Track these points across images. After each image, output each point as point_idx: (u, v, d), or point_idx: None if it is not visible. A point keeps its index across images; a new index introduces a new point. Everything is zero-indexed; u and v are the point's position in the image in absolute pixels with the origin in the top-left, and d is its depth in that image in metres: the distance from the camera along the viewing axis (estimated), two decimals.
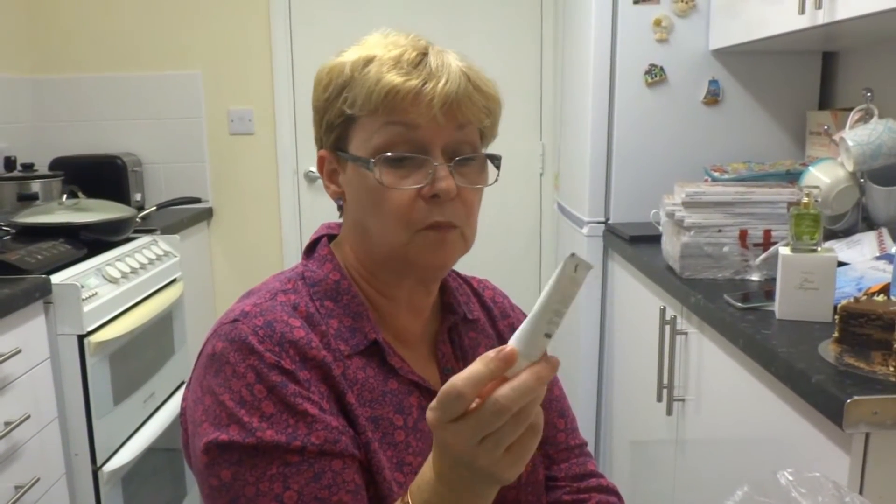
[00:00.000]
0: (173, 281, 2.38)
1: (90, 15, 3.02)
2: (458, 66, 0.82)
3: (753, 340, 1.25)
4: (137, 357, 2.12)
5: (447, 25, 3.08)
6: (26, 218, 2.08)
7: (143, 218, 2.43)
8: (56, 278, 1.81)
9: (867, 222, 1.73)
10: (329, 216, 0.95)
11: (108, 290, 1.94)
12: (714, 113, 2.22)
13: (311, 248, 0.92)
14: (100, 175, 2.79)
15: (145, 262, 2.19)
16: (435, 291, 0.92)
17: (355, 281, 0.88)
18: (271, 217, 3.20)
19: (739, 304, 1.41)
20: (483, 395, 0.62)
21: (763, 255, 1.60)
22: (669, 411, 1.67)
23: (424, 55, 0.82)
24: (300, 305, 0.83)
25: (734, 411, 1.41)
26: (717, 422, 1.51)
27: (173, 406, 2.28)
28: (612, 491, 0.98)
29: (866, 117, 1.77)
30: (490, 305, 1.01)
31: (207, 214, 3.12)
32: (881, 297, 1.18)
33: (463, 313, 0.94)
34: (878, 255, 1.52)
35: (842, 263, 1.46)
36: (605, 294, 2.32)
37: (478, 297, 1.01)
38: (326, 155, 0.88)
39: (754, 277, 1.63)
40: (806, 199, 1.33)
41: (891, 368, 1.04)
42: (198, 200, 2.81)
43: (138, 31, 3.04)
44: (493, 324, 0.99)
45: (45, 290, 1.75)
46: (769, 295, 1.43)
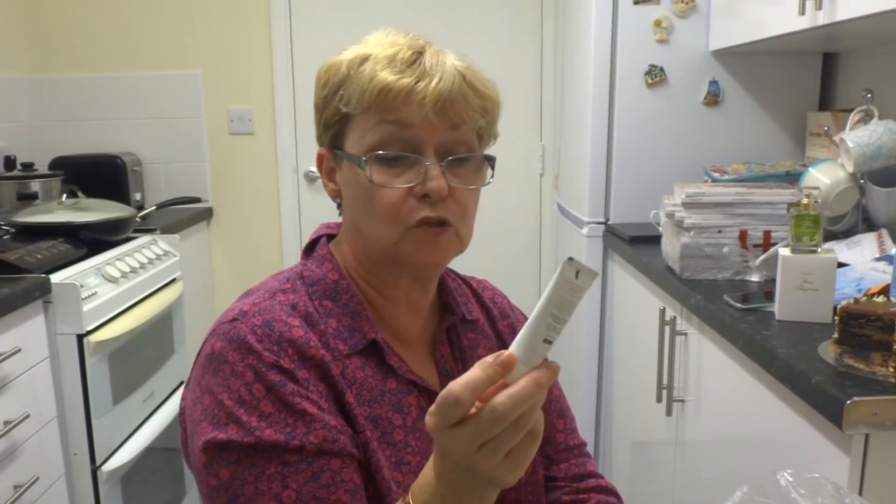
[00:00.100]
0: (173, 281, 2.38)
1: (90, 15, 3.02)
2: (455, 66, 0.81)
3: (753, 341, 1.25)
4: (137, 357, 2.12)
5: (447, 25, 3.07)
6: (26, 217, 2.08)
7: (142, 217, 2.43)
8: (55, 278, 1.80)
9: (867, 223, 1.73)
10: (329, 216, 0.95)
11: (107, 290, 1.94)
12: (714, 114, 2.22)
13: (310, 248, 0.91)
14: (99, 174, 2.78)
15: (145, 261, 2.19)
16: (432, 290, 0.92)
17: (354, 280, 0.88)
18: (271, 217, 3.19)
19: (739, 305, 1.41)
20: (483, 400, 0.61)
21: (763, 256, 1.60)
22: (669, 412, 1.67)
23: (420, 54, 0.81)
24: (299, 305, 0.83)
25: (734, 412, 1.41)
26: (716, 422, 1.51)
27: (173, 406, 2.28)
28: (611, 491, 0.98)
29: (866, 118, 1.77)
30: (489, 306, 1.01)
31: (207, 214, 3.12)
32: (881, 299, 1.18)
33: (462, 314, 0.94)
34: (878, 256, 1.52)
35: (842, 264, 1.46)
36: (604, 295, 2.32)
37: (477, 298, 1.00)
38: (325, 153, 0.88)
39: (754, 278, 1.63)
40: (806, 200, 1.32)
41: (891, 369, 1.04)
42: (198, 200, 2.81)
43: (138, 31, 3.04)
44: (492, 324, 0.99)
45: (44, 290, 1.75)
46: (769, 296, 1.43)
